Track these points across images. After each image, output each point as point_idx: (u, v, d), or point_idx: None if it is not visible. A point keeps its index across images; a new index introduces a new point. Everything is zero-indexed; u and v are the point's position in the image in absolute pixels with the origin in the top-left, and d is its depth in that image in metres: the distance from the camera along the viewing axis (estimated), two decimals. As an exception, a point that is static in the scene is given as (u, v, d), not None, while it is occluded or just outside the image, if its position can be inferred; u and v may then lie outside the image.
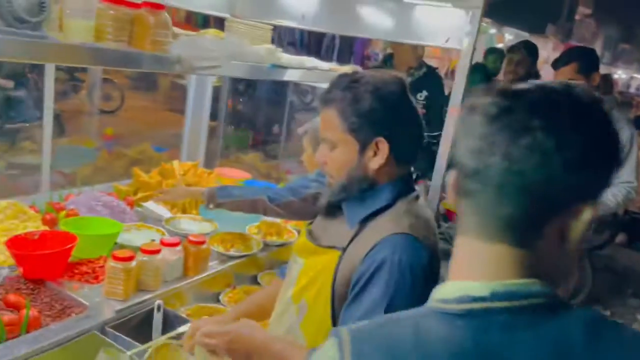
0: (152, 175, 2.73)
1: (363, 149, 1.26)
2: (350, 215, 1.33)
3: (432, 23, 2.63)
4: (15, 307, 1.60)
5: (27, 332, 1.51)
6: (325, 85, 2.63)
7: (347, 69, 2.50)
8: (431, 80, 3.57)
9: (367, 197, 1.30)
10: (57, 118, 2.46)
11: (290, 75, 2.20)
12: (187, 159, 3.23)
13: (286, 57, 2.13)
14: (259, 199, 2.05)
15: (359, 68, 2.62)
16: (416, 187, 1.38)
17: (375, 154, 1.26)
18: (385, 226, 1.24)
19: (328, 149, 1.30)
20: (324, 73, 2.37)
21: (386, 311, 1.13)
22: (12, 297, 1.61)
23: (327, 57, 10.24)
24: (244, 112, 8.21)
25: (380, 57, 11.58)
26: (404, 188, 1.32)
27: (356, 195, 1.30)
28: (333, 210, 1.40)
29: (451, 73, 8.31)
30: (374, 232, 1.25)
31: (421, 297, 1.16)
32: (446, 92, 3.58)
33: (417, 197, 1.35)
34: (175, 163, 2.84)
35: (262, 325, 1.38)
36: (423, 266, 1.20)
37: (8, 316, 1.48)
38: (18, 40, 1.17)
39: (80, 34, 1.38)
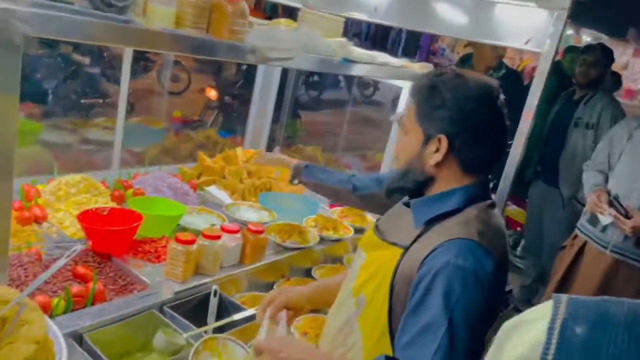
0: (216, 161, 2.78)
1: (426, 141, 1.27)
2: (417, 215, 1.30)
3: (512, 23, 2.51)
4: (83, 279, 1.67)
5: (92, 304, 1.57)
6: (394, 82, 2.59)
7: (420, 66, 2.44)
8: (511, 81, 3.41)
9: (436, 199, 1.28)
10: (128, 97, 2.53)
11: (360, 70, 2.16)
12: (249, 146, 3.27)
13: (357, 52, 2.09)
14: (342, 189, 1.97)
15: (430, 65, 2.55)
16: (492, 196, 1.33)
17: (437, 150, 1.26)
18: (452, 230, 1.21)
19: (402, 134, 1.35)
20: (394, 69, 2.31)
21: (449, 324, 1.09)
22: (80, 269, 1.69)
23: (392, 51, 10.10)
24: (306, 102, 8.26)
25: (447, 52, 11.30)
26: (477, 194, 1.28)
27: (429, 197, 1.30)
28: (403, 208, 1.40)
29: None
30: (438, 234, 1.21)
31: (486, 307, 1.12)
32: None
33: (492, 205, 1.30)
34: (239, 150, 2.88)
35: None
36: (487, 274, 1.14)
37: (77, 287, 1.55)
38: (106, 24, 1.20)
39: (163, 20, 1.41)
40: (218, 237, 1.89)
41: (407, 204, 1.37)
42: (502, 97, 1.27)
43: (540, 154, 3.84)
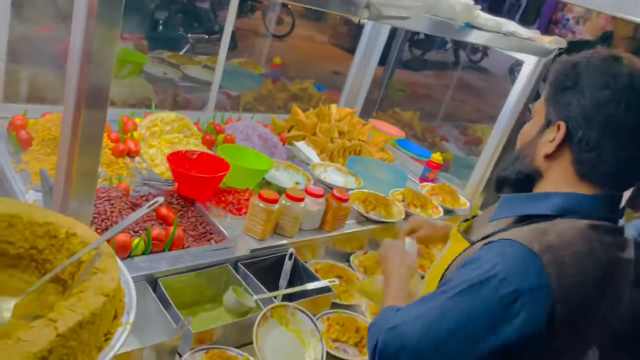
0: (309, 116, 2.68)
1: (545, 127, 1.11)
2: (500, 210, 1.18)
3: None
4: (165, 221, 1.67)
5: (170, 249, 1.57)
6: (518, 55, 2.30)
7: (552, 40, 2.13)
8: None
9: (528, 197, 1.12)
10: (232, 35, 2.46)
11: (479, 38, 1.92)
12: (345, 103, 3.13)
13: (482, 17, 1.84)
14: None
15: (562, 40, 2.23)
16: (621, 221, 1.10)
17: (553, 140, 1.07)
18: (522, 232, 1.01)
19: (530, 118, 1.20)
20: (520, 42, 2.04)
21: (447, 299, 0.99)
22: (164, 211, 1.69)
23: (508, 16, 9.30)
24: (408, 60, 7.88)
25: (571, 23, 10.22)
26: (585, 207, 1.04)
27: (521, 195, 1.14)
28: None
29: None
30: (508, 233, 1.03)
31: (493, 323, 0.93)
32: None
33: (612, 231, 1.03)
34: (333, 107, 2.75)
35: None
36: (521, 293, 0.92)
37: (157, 230, 1.55)
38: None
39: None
40: (301, 200, 1.82)
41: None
42: None
43: None
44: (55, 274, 1.00)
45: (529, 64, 2.29)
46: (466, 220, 1.42)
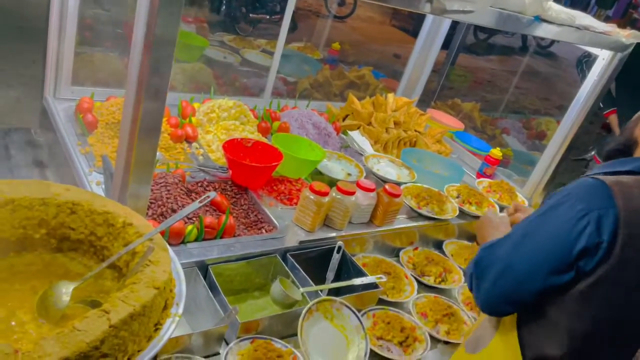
0: (365, 105, 2.65)
1: None
2: (592, 171, 1.24)
3: None
4: (218, 208, 1.71)
5: (222, 237, 1.60)
6: (591, 49, 2.16)
7: (629, 34, 1.98)
8: None
9: (619, 161, 1.22)
10: (292, 16, 2.44)
11: (549, 32, 1.81)
12: (403, 92, 3.06)
13: (555, 10, 1.73)
14: None
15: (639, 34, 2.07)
16: None
17: None
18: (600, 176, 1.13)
19: None
20: (594, 36, 1.91)
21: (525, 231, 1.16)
22: (217, 198, 1.72)
23: (581, 1, 8.70)
24: (472, 44, 7.57)
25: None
26: None
27: (614, 161, 1.23)
28: None
29: None
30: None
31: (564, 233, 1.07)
32: None
33: None
34: (390, 96, 2.70)
35: None
36: (590, 210, 1.05)
37: (209, 219, 1.58)
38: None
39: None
40: (352, 193, 1.80)
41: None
42: None
43: None
44: (111, 262, 1.04)
45: (603, 58, 2.14)
46: None
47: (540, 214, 1.15)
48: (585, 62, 3.13)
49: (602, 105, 3.23)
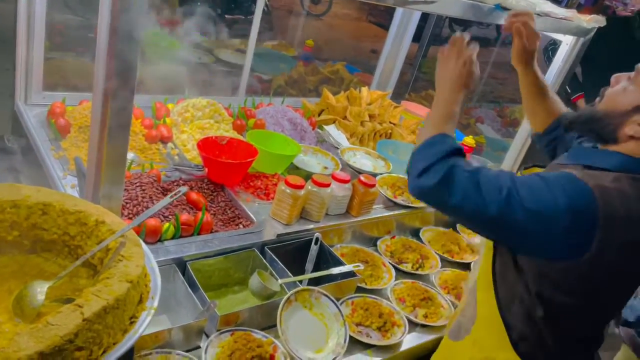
0: (339, 99, 2.68)
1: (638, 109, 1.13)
2: (569, 157, 1.25)
3: None
4: (195, 206, 1.73)
5: (199, 233, 1.62)
6: (555, 36, 2.21)
7: (590, 19, 2.04)
8: None
9: (596, 152, 1.19)
10: (268, 15, 2.46)
11: (513, 19, 1.85)
12: (377, 86, 3.10)
13: (515, -3, 1.78)
14: None
15: (601, 19, 2.12)
16: None
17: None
18: (575, 170, 1.13)
19: (627, 81, 1.17)
20: (555, 22, 1.96)
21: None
22: (194, 196, 1.74)
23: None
24: (447, 38, 7.65)
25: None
26: None
27: (593, 149, 1.21)
28: None
29: None
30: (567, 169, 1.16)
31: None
32: None
33: None
34: (364, 90, 2.74)
35: None
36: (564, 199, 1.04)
37: (186, 216, 1.60)
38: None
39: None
40: (327, 185, 1.83)
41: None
42: None
43: None
44: (85, 259, 1.06)
45: (567, 44, 2.20)
46: (526, 168, 1.44)
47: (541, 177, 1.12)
48: (551, 49, 3.20)
49: (569, 91, 3.30)
